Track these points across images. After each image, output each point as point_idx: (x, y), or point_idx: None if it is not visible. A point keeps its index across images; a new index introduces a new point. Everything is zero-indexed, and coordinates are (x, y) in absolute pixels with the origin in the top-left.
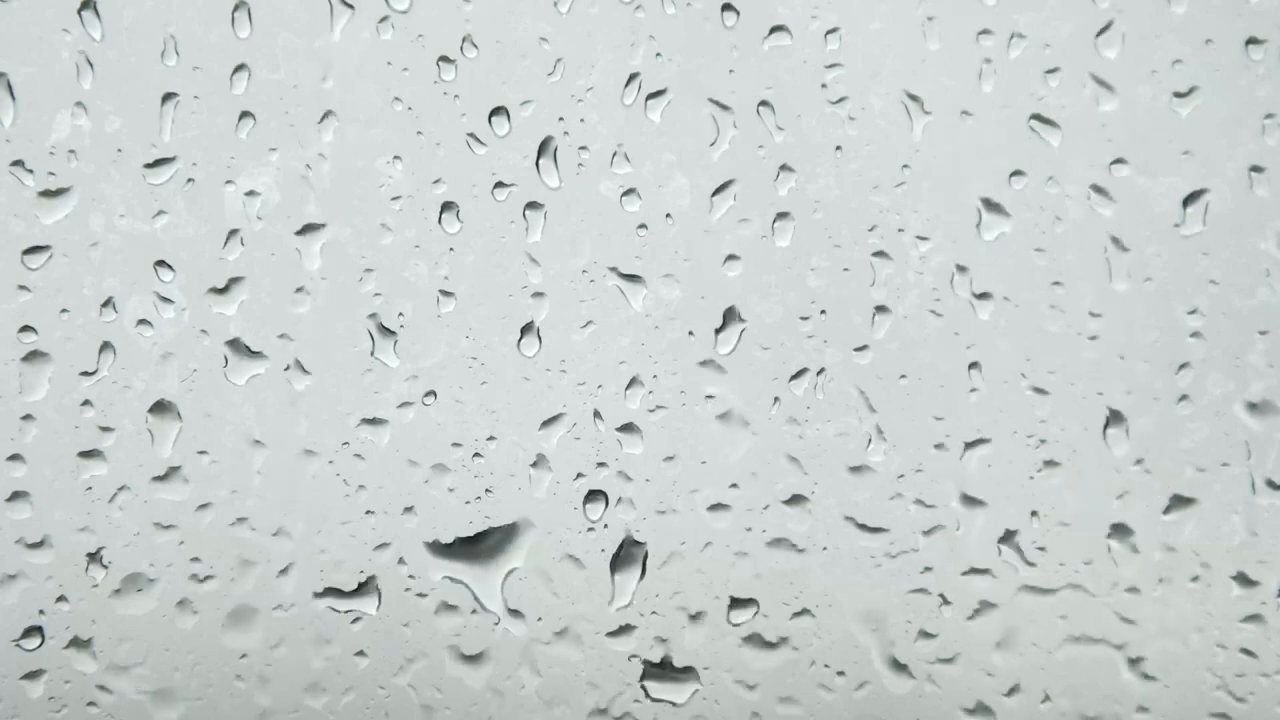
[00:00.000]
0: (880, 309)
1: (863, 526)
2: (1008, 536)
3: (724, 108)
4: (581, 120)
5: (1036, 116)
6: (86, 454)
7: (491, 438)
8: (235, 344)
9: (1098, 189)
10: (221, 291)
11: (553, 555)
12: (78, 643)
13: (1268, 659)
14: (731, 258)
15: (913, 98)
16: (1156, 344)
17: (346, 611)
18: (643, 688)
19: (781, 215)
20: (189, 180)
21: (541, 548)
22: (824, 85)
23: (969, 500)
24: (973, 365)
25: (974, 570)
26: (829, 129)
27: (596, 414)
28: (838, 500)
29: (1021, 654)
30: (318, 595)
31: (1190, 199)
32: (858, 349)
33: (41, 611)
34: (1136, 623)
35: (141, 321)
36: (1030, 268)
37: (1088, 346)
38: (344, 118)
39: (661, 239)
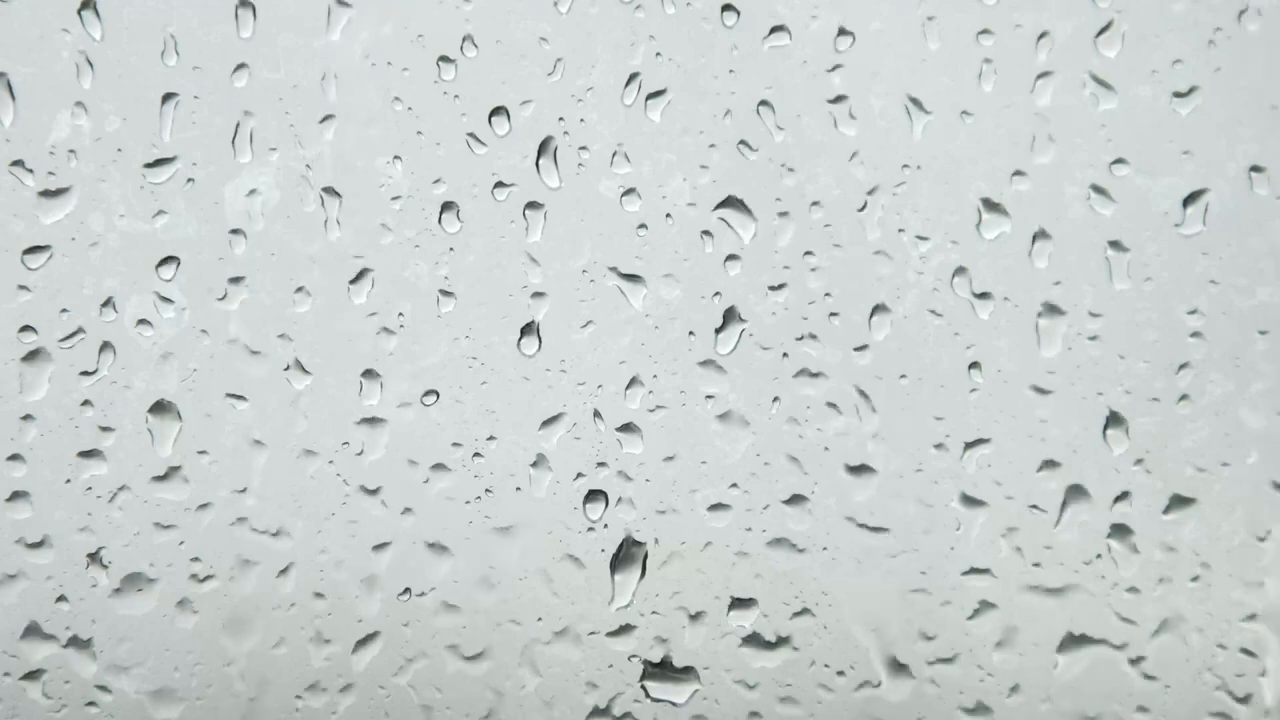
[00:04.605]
0: (880, 309)
1: (863, 526)
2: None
3: (724, 108)
4: (581, 120)
5: (1037, 116)
6: (86, 454)
7: (491, 438)
8: (235, 344)
9: (1098, 189)
10: (221, 292)
11: (553, 555)
12: (78, 643)
13: (1268, 659)
14: (731, 258)
15: (913, 98)
16: (1156, 344)
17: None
18: (643, 688)
19: (781, 215)
20: (189, 180)
21: (541, 548)
22: (833, 95)
23: (969, 500)
24: (973, 365)
25: (974, 570)
26: (829, 129)
27: (596, 414)
28: (838, 500)
29: (1021, 654)
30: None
31: (1190, 199)
32: (858, 349)
33: (41, 611)
34: (1136, 623)
35: (141, 321)
36: (1030, 268)
37: (1088, 346)
38: (344, 118)
39: (661, 239)
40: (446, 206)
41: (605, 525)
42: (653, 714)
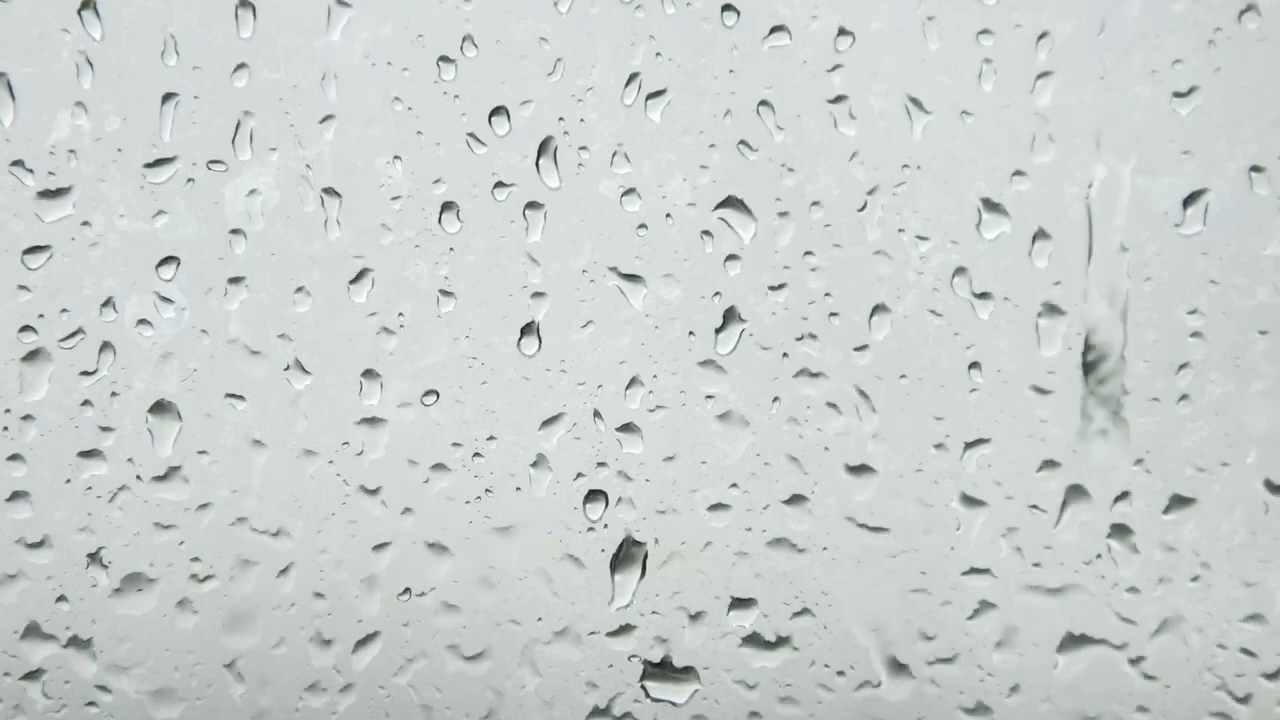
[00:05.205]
0: (880, 309)
1: (863, 526)
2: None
3: (724, 108)
4: (581, 120)
5: (1037, 116)
6: (86, 454)
7: (491, 438)
8: (235, 344)
9: None
10: (222, 292)
11: (553, 555)
12: (78, 643)
13: (1268, 659)
14: (731, 258)
15: (913, 98)
16: (1156, 344)
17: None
18: (643, 688)
19: (781, 215)
20: (189, 180)
21: (541, 548)
22: (833, 95)
23: (969, 500)
24: (973, 365)
25: (974, 570)
26: (829, 129)
27: (596, 414)
28: (838, 500)
29: (1021, 654)
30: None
31: (1190, 199)
32: (858, 349)
33: (41, 611)
34: (1136, 623)
35: (141, 321)
36: (1030, 268)
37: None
38: (344, 118)
39: (661, 239)
40: (446, 206)
41: (605, 525)
42: (653, 714)
